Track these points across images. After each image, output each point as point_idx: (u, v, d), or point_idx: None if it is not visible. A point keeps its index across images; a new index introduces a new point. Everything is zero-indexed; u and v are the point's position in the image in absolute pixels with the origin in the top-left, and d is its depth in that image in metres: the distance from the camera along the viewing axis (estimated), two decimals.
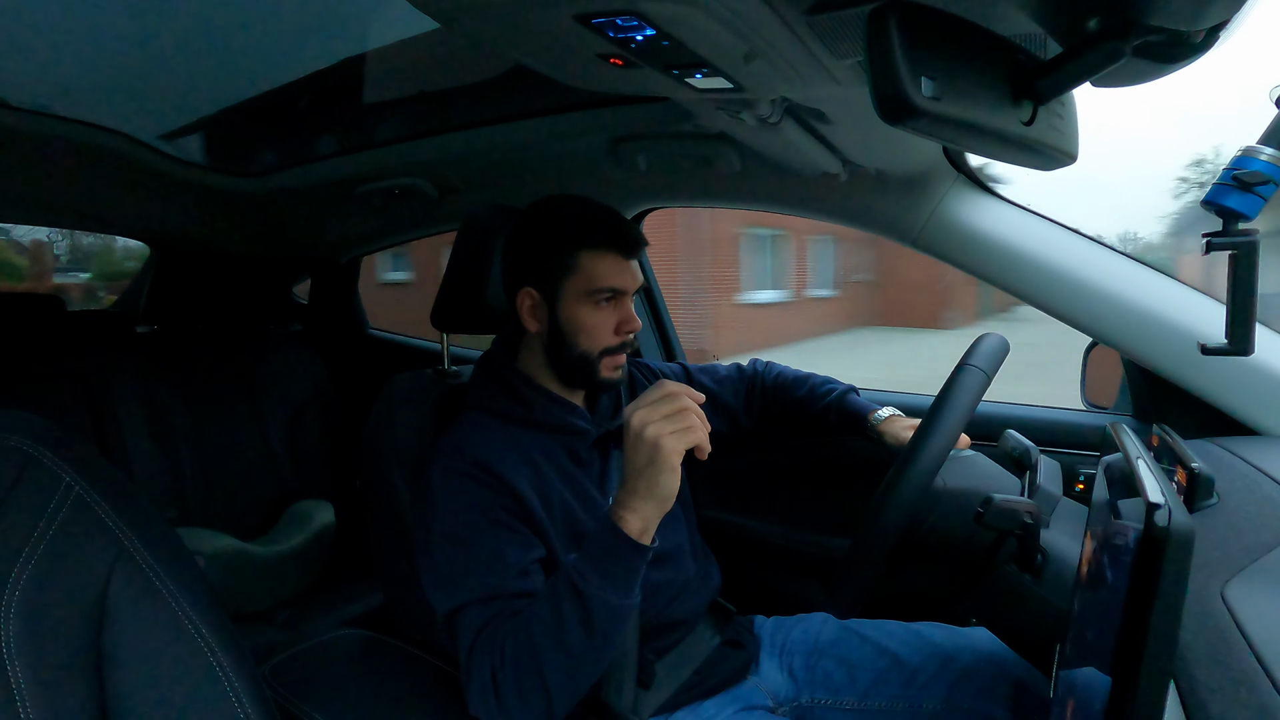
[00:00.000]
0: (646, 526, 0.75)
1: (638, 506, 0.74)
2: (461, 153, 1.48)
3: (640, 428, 0.73)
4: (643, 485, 0.73)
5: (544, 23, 0.61)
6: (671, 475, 0.73)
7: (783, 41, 0.64)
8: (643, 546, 0.74)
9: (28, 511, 0.58)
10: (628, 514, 0.74)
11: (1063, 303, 1.09)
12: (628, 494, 0.75)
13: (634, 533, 0.74)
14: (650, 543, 0.75)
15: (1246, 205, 0.62)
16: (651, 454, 0.72)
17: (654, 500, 0.74)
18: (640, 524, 0.74)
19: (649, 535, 0.75)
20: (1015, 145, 0.54)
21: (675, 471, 0.73)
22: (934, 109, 0.46)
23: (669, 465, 0.72)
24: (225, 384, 1.83)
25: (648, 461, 0.73)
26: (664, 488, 0.73)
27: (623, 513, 0.74)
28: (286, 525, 1.77)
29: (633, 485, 0.74)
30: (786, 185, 1.26)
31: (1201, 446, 0.89)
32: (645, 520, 0.74)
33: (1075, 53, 0.49)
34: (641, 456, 0.73)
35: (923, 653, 0.99)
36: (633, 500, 0.74)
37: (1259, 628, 0.52)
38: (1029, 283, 1.11)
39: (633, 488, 0.74)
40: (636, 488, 0.74)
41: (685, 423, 0.73)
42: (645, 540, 0.75)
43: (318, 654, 1.01)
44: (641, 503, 0.74)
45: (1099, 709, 0.42)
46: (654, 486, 0.73)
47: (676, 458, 0.73)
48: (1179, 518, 0.40)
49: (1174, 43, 0.49)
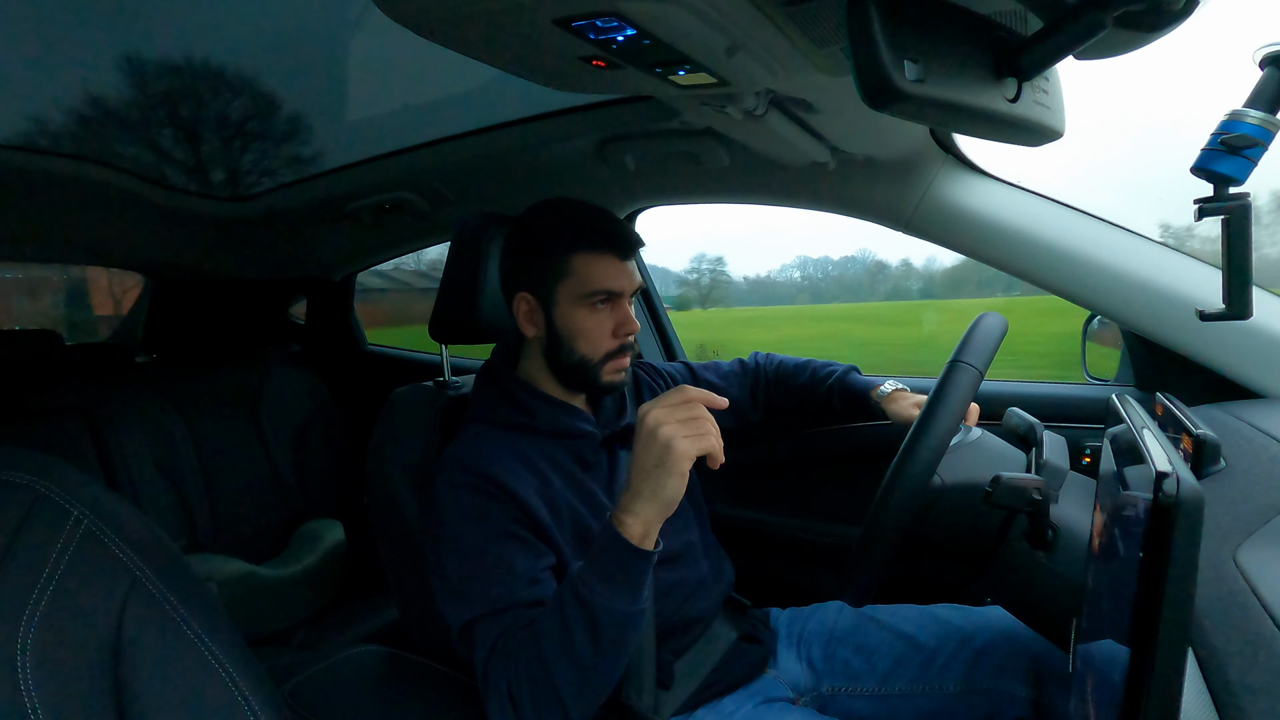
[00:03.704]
0: (648, 531, 0.72)
1: (639, 510, 0.72)
2: (449, 163, 1.48)
3: (655, 427, 0.71)
4: (648, 487, 0.71)
5: (523, 28, 0.61)
6: (679, 480, 0.71)
7: (764, 33, 0.64)
8: (645, 552, 0.72)
9: (39, 548, 0.58)
10: (628, 518, 0.72)
11: (1059, 277, 1.09)
12: (631, 497, 0.73)
13: (635, 538, 0.71)
14: (654, 547, 0.73)
15: (1236, 169, 0.62)
16: (662, 455, 0.70)
17: (657, 503, 0.71)
18: (642, 528, 0.72)
19: (651, 540, 0.73)
20: (1002, 123, 0.54)
21: (683, 477, 0.71)
22: (918, 92, 0.46)
23: (678, 469, 0.70)
24: (228, 409, 1.83)
25: (657, 463, 0.71)
26: (669, 491, 0.71)
27: (624, 517, 0.72)
28: (297, 546, 1.78)
29: (637, 487, 0.72)
30: (776, 178, 1.26)
31: (1206, 412, 0.89)
32: (647, 524, 0.72)
33: (1056, 27, 0.49)
34: (651, 456, 0.71)
35: (939, 634, 0.99)
36: (635, 504, 0.72)
37: (1273, 591, 0.52)
38: (1024, 260, 1.11)
39: (636, 490, 0.72)
40: (641, 490, 0.72)
41: (700, 429, 0.71)
42: (647, 545, 0.72)
43: (336, 672, 1.00)
44: (644, 505, 0.72)
45: (1119, 680, 0.42)
46: (659, 489, 0.71)
47: (687, 462, 0.71)
48: (1188, 485, 0.40)
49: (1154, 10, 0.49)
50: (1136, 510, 0.44)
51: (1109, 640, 0.48)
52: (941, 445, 0.75)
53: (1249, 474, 0.69)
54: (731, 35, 0.63)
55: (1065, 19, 0.48)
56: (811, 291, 13.56)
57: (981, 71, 0.51)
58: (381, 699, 0.96)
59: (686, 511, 1.05)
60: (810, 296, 13.50)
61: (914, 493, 0.74)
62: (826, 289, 13.33)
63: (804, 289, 13.39)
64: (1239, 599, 0.52)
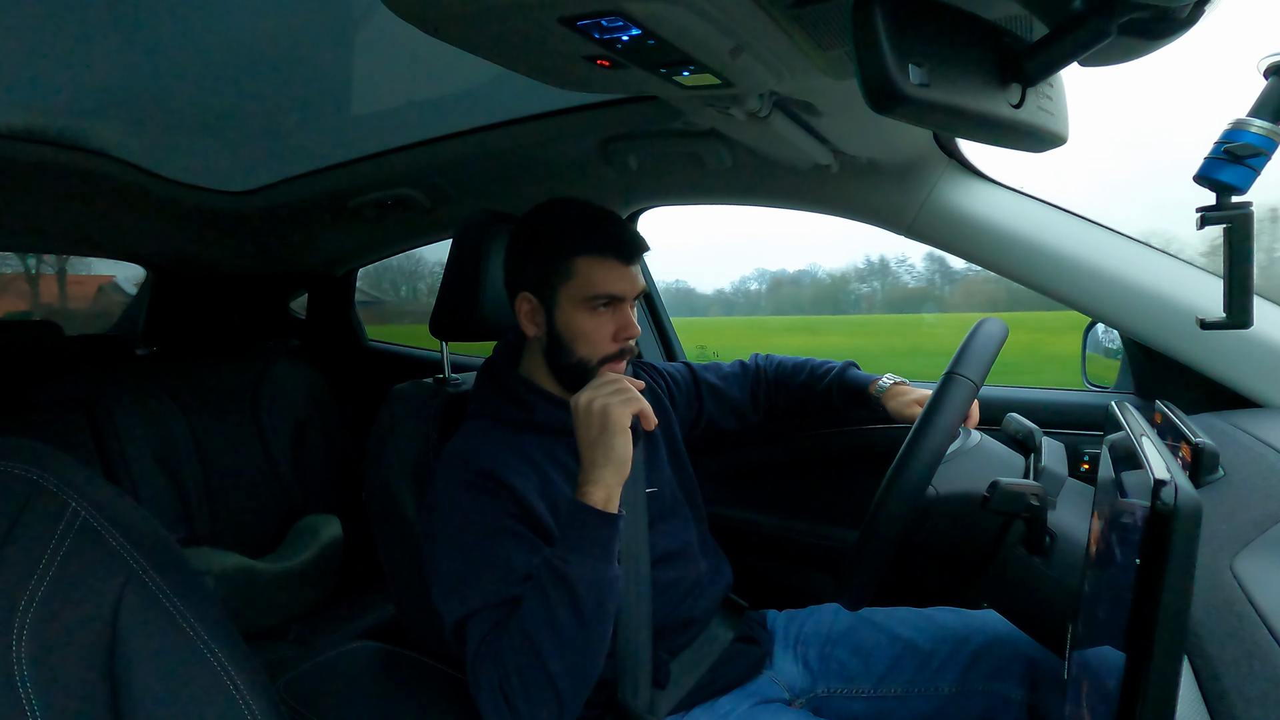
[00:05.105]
0: (610, 495, 0.78)
1: (597, 477, 0.78)
2: (452, 161, 1.48)
3: (588, 403, 0.80)
4: (599, 454, 0.78)
5: (529, 27, 0.61)
6: (623, 436, 0.79)
7: (768, 35, 0.64)
8: (610, 515, 0.78)
9: (35, 539, 0.58)
10: (589, 487, 0.78)
11: (1060, 284, 1.09)
12: (587, 467, 0.79)
13: (598, 503, 0.77)
14: (617, 511, 0.79)
15: (1239, 178, 0.62)
16: (602, 420, 0.79)
17: (611, 466, 0.78)
18: (604, 493, 0.78)
19: (614, 503, 0.79)
20: (1005, 129, 0.54)
21: (626, 433, 0.79)
22: (922, 96, 0.46)
23: (619, 427, 0.78)
24: (227, 402, 1.83)
25: (600, 429, 0.79)
26: (618, 451, 0.79)
27: (585, 488, 0.78)
28: (294, 541, 1.77)
29: (590, 458, 0.79)
30: (778, 179, 1.26)
31: (1205, 421, 0.89)
32: (608, 489, 0.78)
33: (1061, 33, 0.49)
34: (594, 428, 0.79)
35: (936, 637, 0.99)
36: (592, 472, 0.78)
37: (1269, 600, 0.52)
38: (1025, 266, 1.11)
39: (590, 460, 0.79)
40: (595, 459, 0.79)
41: (627, 394, 0.81)
42: (611, 508, 0.78)
43: (331, 668, 1.01)
44: (600, 471, 0.78)
45: (1114, 687, 0.42)
46: (609, 451, 0.78)
47: (625, 419, 0.79)
48: (1186, 493, 0.40)
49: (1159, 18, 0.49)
50: (1134, 517, 0.44)
51: (1105, 647, 0.48)
52: (934, 459, 0.75)
53: (1247, 483, 0.69)
54: (736, 36, 0.63)
55: (1070, 26, 0.48)
56: (768, 303, 13.85)
57: (986, 77, 0.51)
58: (377, 695, 0.96)
59: (684, 511, 1.05)
60: (770, 309, 13.82)
61: (908, 504, 0.74)
62: (780, 302, 13.67)
63: (760, 301, 13.70)
64: (1235, 608, 0.52)
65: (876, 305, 12.37)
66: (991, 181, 1.14)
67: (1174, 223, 0.67)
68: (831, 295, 13.33)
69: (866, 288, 12.74)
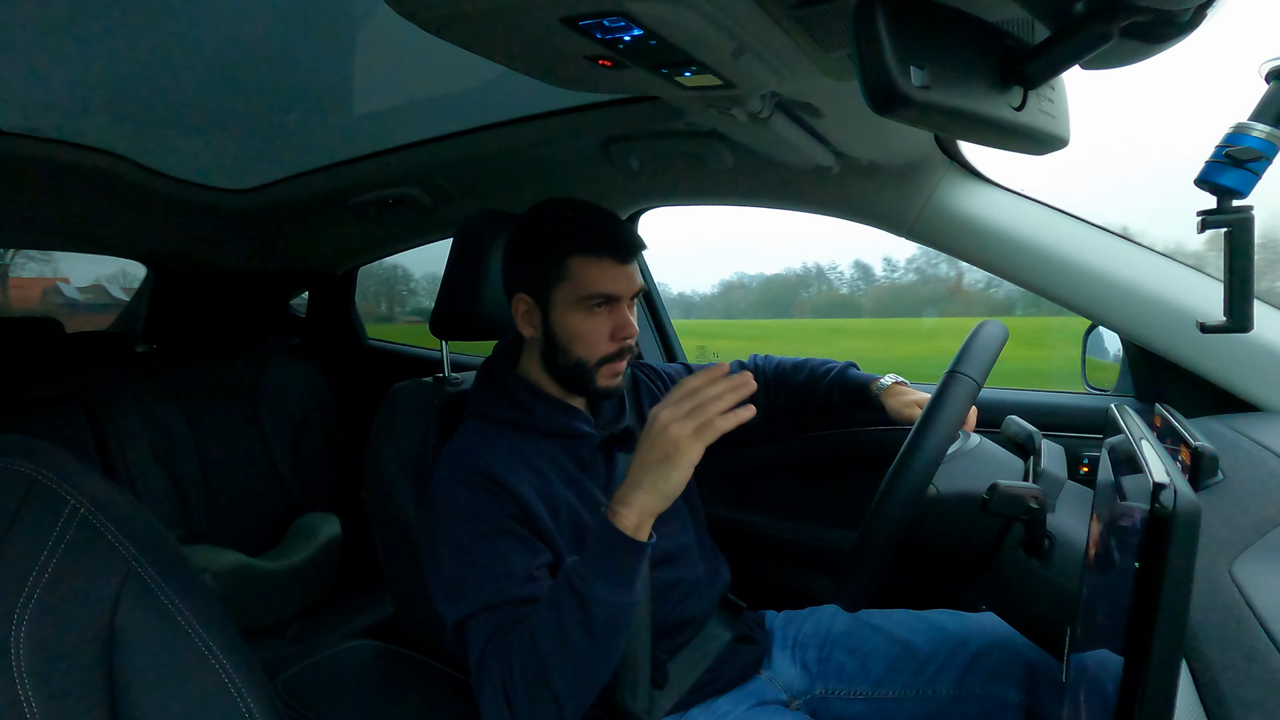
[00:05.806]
0: (642, 522, 0.73)
1: (635, 501, 0.73)
2: (453, 159, 1.48)
3: (663, 427, 0.72)
4: (648, 479, 0.73)
5: (531, 27, 0.61)
6: (683, 475, 0.73)
7: (770, 36, 0.64)
8: (639, 543, 0.73)
9: (34, 536, 0.58)
10: (624, 509, 0.73)
11: (1060, 287, 1.09)
12: (629, 488, 0.74)
13: (629, 529, 0.73)
14: (647, 538, 0.74)
15: (1240, 182, 0.62)
16: (669, 452, 0.72)
17: (656, 496, 0.73)
18: (636, 519, 0.73)
19: (645, 531, 0.74)
20: (1007, 131, 0.54)
21: (688, 473, 0.73)
22: (924, 98, 0.46)
23: (685, 463, 0.72)
24: (227, 400, 1.83)
25: (663, 458, 0.72)
26: (671, 485, 0.73)
27: (619, 508, 0.73)
28: (293, 539, 1.78)
29: (637, 479, 0.73)
30: (779, 180, 1.26)
31: (1204, 424, 0.89)
32: (642, 515, 0.73)
33: (1063, 36, 0.49)
34: (657, 452, 0.72)
35: (934, 640, 0.99)
36: (632, 494, 0.73)
37: (1268, 604, 0.52)
38: (1026, 268, 1.11)
39: (636, 481, 0.73)
40: (642, 482, 0.73)
41: (710, 428, 0.72)
42: (641, 536, 0.73)
43: (329, 667, 1.01)
44: (642, 497, 0.73)
45: (1112, 690, 0.42)
46: (662, 484, 0.72)
47: (694, 455, 0.72)
48: (1185, 497, 0.40)
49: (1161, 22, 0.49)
50: (1133, 521, 0.44)
51: (1103, 650, 0.48)
52: (936, 458, 0.75)
53: (1246, 487, 0.69)
54: (738, 37, 0.63)
55: (1072, 28, 0.48)
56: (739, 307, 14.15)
57: (987, 79, 0.51)
58: (375, 694, 0.96)
59: (683, 512, 1.05)
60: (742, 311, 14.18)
61: (908, 505, 0.74)
62: (752, 306, 13.96)
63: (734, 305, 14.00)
64: (1234, 612, 0.52)
65: (807, 310, 12.68)
66: (993, 184, 1.15)
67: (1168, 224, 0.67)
68: (770, 300, 13.60)
69: (806, 293, 13.09)
